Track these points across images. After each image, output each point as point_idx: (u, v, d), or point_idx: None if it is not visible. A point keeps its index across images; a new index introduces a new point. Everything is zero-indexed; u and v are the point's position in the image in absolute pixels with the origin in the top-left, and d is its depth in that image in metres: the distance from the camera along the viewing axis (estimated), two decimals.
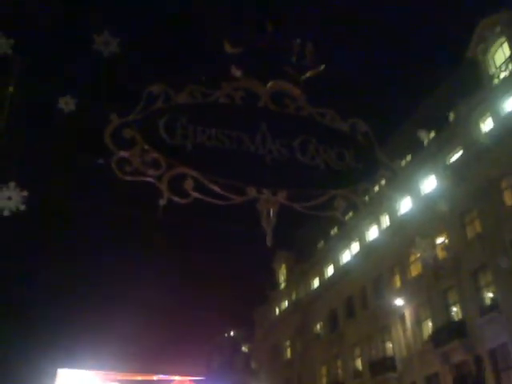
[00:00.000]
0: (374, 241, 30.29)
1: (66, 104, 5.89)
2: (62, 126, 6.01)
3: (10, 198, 5.12)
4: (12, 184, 5.24)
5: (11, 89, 5.79)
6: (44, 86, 5.86)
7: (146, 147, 5.12)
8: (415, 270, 26.77)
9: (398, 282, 28.93)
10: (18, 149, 6.59)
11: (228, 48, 6.60)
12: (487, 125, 23.66)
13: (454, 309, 24.98)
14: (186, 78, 5.65)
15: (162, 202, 5.00)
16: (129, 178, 5.03)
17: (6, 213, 5.08)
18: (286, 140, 6.19)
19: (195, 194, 5.25)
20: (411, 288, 26.93)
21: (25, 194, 5.24)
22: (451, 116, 26.05)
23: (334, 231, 35.68)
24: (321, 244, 38.41)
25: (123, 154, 5.03)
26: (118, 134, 5.12)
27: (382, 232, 28.32)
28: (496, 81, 23.88)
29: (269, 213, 5.75)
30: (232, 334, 52.56)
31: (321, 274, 37.62)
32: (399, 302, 27.28)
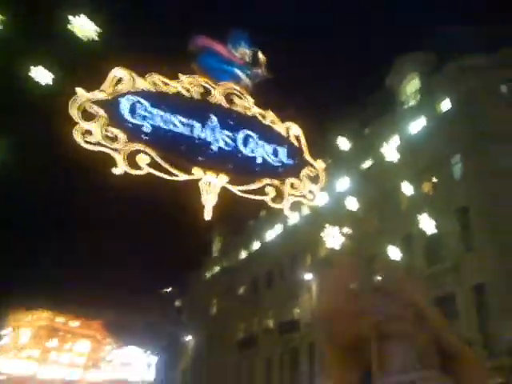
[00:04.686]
0: (294, 225, 30.74)
1: (41, 75, 5.49)
2: (38, 96, 5.60)
3: None
4: None
5: None
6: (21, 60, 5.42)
7: (109, 122, 4.87)
8: (323, 251, 27.45)
9: (309, 260, 29.64)
10: None
11: (192, 47, 6.37)
12: (394, 141, 24.41)
13: None
14: (150, 66, 5.40)
15: (117, 171, 4.78)
16: (89, 147, 4.76)
17: None
18: (231, 133, 6.10)
19: (147, 169, 5.07)
20: (319, 265, 27.64)
21: None
22: (366, 131, 26.74)
23: (262, 213, 35.94)
24: (251, 222, 38.69)
25: (86, 125, 4.75)
26: (85, 108, 4.83)
27: (301, 218, 28.73)
28: (405, 107, 24.74)
29: (209, 192, 5.66)
30: (169, 290, 52.11)
31: (248, 248, 38.01)
32: (308, 276, 27.96)
